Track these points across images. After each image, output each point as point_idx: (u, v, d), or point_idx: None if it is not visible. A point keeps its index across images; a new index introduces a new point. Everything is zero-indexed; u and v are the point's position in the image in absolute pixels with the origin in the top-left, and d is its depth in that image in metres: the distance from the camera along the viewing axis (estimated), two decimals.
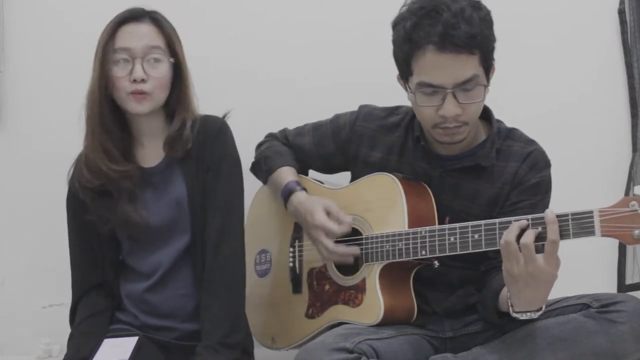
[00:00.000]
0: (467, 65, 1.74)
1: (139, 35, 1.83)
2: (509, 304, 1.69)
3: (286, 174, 2.06)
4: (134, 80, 1.80)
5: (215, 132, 1.88)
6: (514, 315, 1.69)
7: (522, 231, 1.62)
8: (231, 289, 1.83)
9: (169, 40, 1.86)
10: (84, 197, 1.85)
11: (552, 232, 1.59)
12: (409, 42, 1.77)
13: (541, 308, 1.67)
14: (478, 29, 1.73)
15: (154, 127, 1.90)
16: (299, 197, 2.00)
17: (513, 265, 1.61)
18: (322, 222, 1.91)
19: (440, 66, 1.74)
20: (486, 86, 1.80)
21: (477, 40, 1.73)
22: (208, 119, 1.91)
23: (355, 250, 1.89)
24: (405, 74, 1.84)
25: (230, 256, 1.84)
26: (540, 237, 1.62)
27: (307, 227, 1.97)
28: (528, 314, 1.67)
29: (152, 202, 1.87)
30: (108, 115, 1.84)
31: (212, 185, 1.86)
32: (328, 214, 1.92)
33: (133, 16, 1.85)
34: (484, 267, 1.85)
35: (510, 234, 1.62)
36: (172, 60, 1.85)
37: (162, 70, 1.84)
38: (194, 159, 1.87)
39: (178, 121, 1.87)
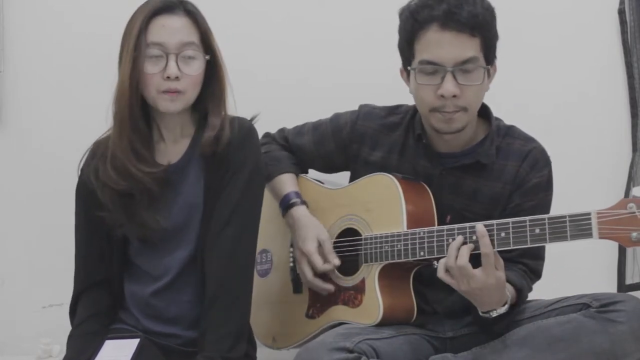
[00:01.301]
0: (468, 46, 1.77)
1: (173, 30, 1.73)
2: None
3: (285, 183, 2.06)
4: (167, 78, 1.73)
5: (242, 135, 1.81)
6: (484, 316, 1.74)
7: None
8: (239, 303, 1.77)
9: (203, 34, 1.78)
10: (103, 197, 1.78)
11: (484, 245, 1.67)
12: (414, 21, 1.80)
13: (506, 302, 1.73)
14: (480, 12, 1.77)
15: (179, 124, 1.83)
16: (298, 212, 2.00)
17: (460, 284, 1.69)
18: (309, 253, 1.93)
19: (441, 44, 1.77)
20: (486, 69, 1.81)
21: (478, 20, 1.76)
22: (235, 121, 1.82)
23: (329, 287, 1.93)
24: (407, 59, 1.85)
25: (242, 269, 1.79)
26: (478, 249, 1.68)
27: (296, 246, 1.99)
28: (494, 311, 1.73)
29: (168, 202, 1.81)
30: (138, 113, 1.76)
31: (231, 191, 1.79)
32: (320, 244, 1.94)
33: (166, 7, 1.75)
34: None
35: (449, 259, 1.69)
36: (207, 57, 1.78)
37: (196, 68, 1.75)
38: (216, 160, 1.80)
39: (215, 124, 1.78)
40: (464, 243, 1.70)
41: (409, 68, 1.85)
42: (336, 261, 1.92)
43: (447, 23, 1.76)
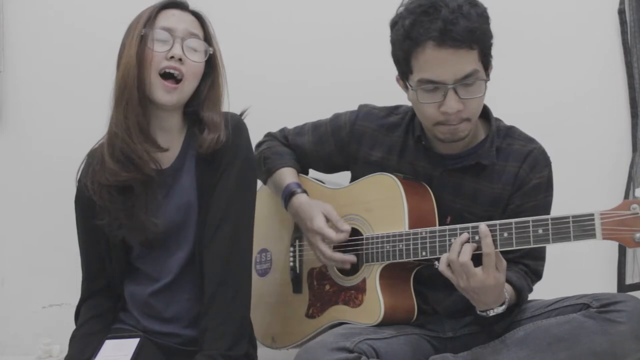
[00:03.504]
0: (467, 60, 1.75)
1: (182, 19, 1.79)
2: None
3: (286, 175, 2.06)
4: (171, 58, 1.74)
5: (232, 130, 1.81)
6: (481, 314, 1.74)
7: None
8: (238, 301, 1.78)
9: (207, 35, 1.82)
10: (101, 199, 1.78)
11: (486, 245, 1.66)
12: (408, 39, 1.77)
13: (504, 302, 1.73)
14: (477, 24, 1.74)
15: (171, 124, 1.84)
16: (299, 199, 2.00)
17: (459, 280, 1.69)
18: (320, 228, 1.91)
19: (440, 62, 1.75)
20: (486, 81, 1.80)
21: (476, 35, 1.74)
22: (227, 118, 1.84)
23: (351, 257, 1.91)
24: (405, 73, 1.84)
25: (239, 268, 1.80)
26: (480, 249, 1.68)
27: (306, 230, 1.97)
28: (492, 310, 1.73)
29: (164, 204, 1.81)
30: (143, 94, 1.75)
31: (224, 187, 1.79)
32: (327, 220, 1.93)
33: (176, 3, 1.81)
34: None
35: (452, 254, 1.68)
36: (210, 50, 1.81)
37: (199, 58, 1.78)
38: (208, 158, 1.80)
39: (217, 124, 1.79)
40: (468, 241, 1.70)
41: (407, 84, 1.85)
42: (347, 227, 1.91)
43: (444, 40, 1.72)
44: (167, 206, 1.82)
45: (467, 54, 1.74)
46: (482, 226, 1.68)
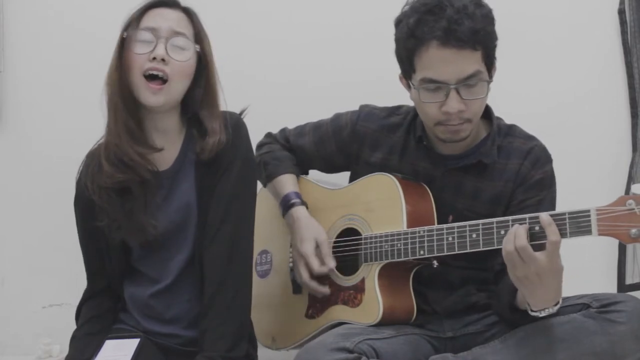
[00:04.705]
0: (470, 61, 1.75)
1: (168, 18, 1.75)
2: (527, 305, 1.69)
3: (286, 183, 2.06)
4: (154, 59, 1.71)
5: (231, 131, 1.80)
6: (533, 314, 1.69)
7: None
8: (238, 302, 1.77)
9: (197, 33, 1.79)
10: (100, 199, 1.77)
11: (552, 233, 1.59)
12: (412, 38, 1.77)
13: (558, 302, 1.68)
14: (481, 25, 1.75)
15: (168, 125, 1.82)
16: (298, 213, 2.00)
17: (517, 269, 1.62)
18: (307, 255, 1.93)
19: (443, 61, 1.75)
20: (489, 82, 1.80)
21: (480, 35, 1.74)
22: (226, 117, 1.82)
23: (324, 290, 1.93)
24: (408, 72, 1.84)
25: (239, 269, 1.79)
26: (536, 237, 1.62)
27: (294, 247, 1.99)
28: (546, 310, 1.68)
29: (163, 206, 1.81)
30: (129, 98, 1.74)
31: (224, 188, 1.79)
32: (317, 246, 1.93)
33: (163, 2, 1.78)
34: (499, 266, 1.84)
35: (509, 245, 1.62)
36: (197, 48, 1.77)
37: (185, 57, 1.74)
38: (208, 159, 1.79)
39: (215, 128, 1.77)
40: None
41: (410, 83, 1.85)
42: (332, 264, 1.92)
43: (448, 40, 1.73)
44: (166, 208, 1.81)
45: (470, 55, 1.75)
46: (543, 216, 1.61)
